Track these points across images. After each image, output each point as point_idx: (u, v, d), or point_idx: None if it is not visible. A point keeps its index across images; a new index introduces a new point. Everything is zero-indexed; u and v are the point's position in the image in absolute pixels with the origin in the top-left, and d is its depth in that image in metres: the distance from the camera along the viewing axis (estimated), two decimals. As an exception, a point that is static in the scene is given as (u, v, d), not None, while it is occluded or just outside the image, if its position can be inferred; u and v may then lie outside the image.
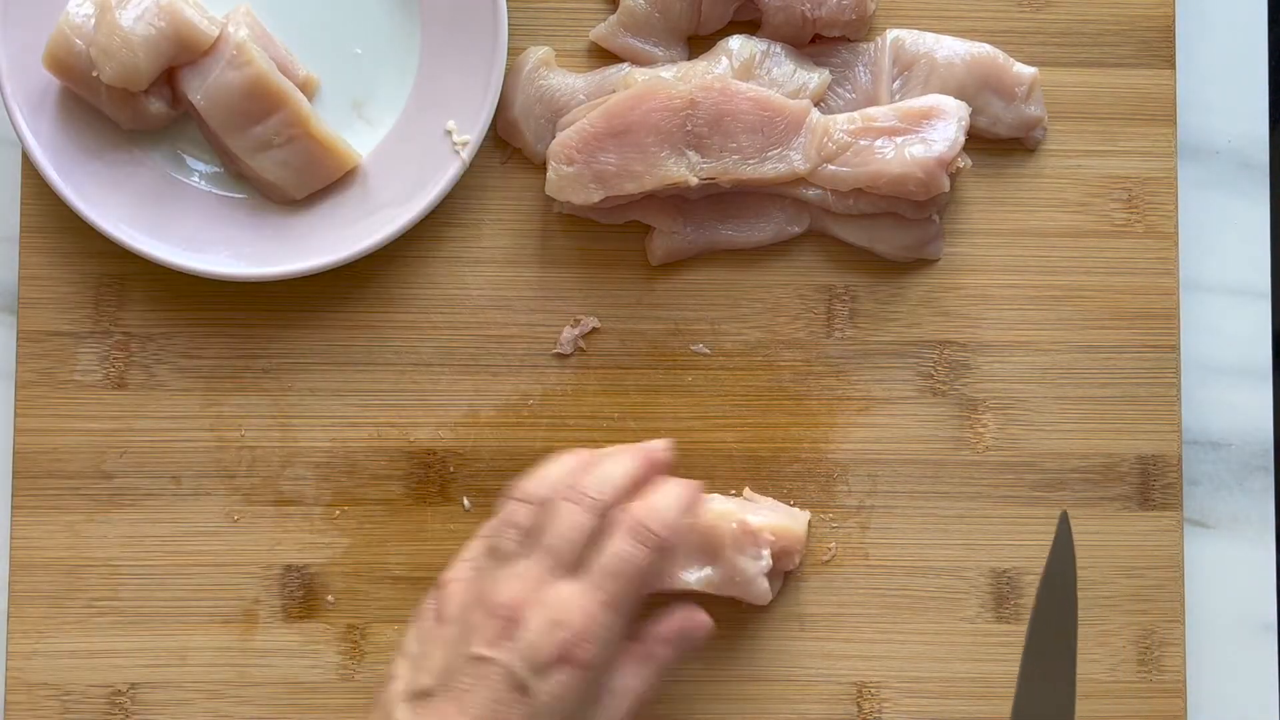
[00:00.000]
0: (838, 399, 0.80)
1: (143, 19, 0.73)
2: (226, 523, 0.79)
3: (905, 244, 0.80)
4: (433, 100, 0.78)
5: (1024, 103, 0.80)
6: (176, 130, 0.79)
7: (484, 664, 0.65)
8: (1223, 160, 0.84)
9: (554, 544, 0.67)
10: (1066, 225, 0.81)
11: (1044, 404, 0.80)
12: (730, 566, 0.74)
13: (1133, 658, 0.79)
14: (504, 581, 0.67)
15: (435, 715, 0.65)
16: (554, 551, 0.67)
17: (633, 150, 0.76)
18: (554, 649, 0.65)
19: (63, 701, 0.78)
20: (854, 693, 0.79)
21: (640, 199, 0.78)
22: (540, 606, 0.66)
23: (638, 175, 0.76)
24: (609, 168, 0.76)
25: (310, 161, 0.77)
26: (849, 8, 0.78)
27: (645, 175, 0.76)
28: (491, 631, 0.65)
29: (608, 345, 0.80)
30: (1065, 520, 0.71)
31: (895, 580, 0.79)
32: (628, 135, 0.76)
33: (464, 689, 0.65)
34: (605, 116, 0.76)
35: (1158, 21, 0.81)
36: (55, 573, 0.78)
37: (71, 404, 0.79)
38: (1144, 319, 0.80)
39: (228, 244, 0.77)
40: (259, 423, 0.79)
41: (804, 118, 0.78)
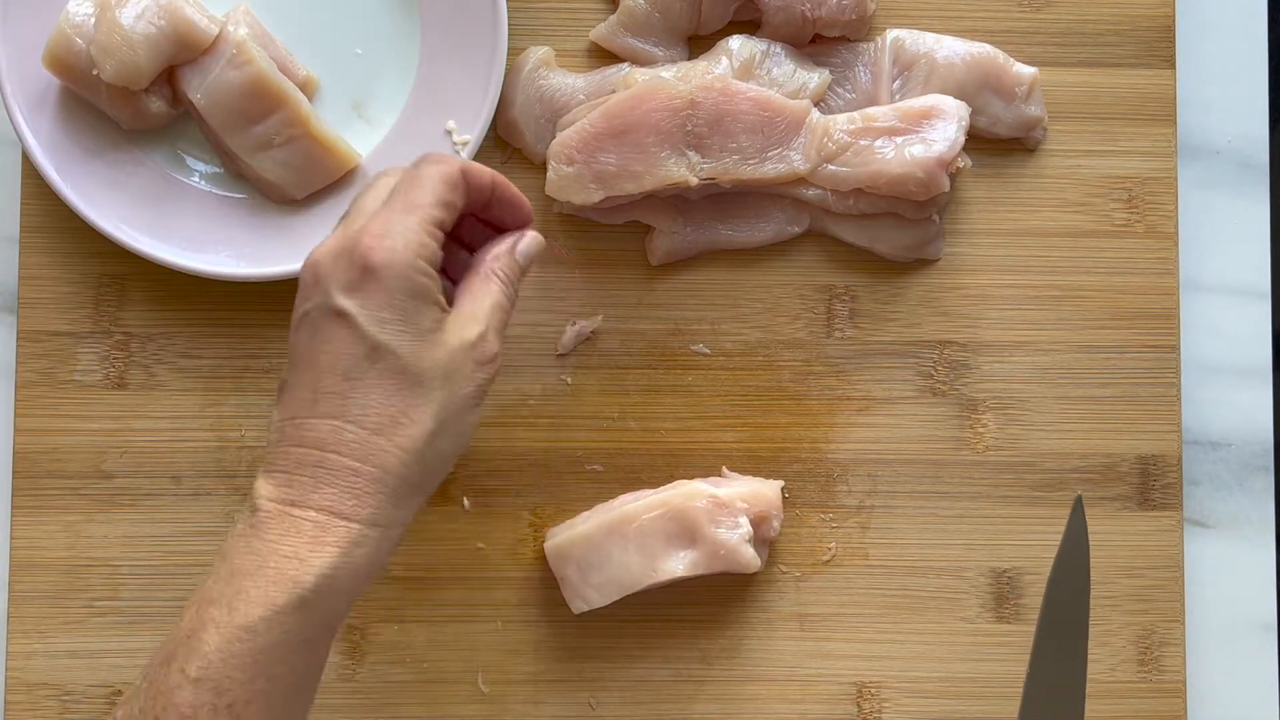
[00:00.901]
0: (838, 399, 0.80)
1: (143, 17, 0.73)
2: (226, 523, 0.79)
3: (905, 244, 0.80)
4: (433, 100, 0.78)
5: (1024, 103, 0.80)
6: (176, 130, 0.79)
7: (305, 318, 0.64)
8: (1223, 160, 0.84)
9: (357, 206, 0.66)
10: (1066, 225, 0.81)
11: (1044, 404, 0.80)
12: (711, 542, 0.74)
13: (1133, 658, 0.79)
14: (313, 251, 0.66)
15: (292, 390, 0.64)
16: (359, 210, 0.66)
17: (633, 150, 0.76)
18: (352, 266, 0.63)
19: (63, 701, 0.78)
20: (854, 693, 0.79)
21: (640, 199, 0.78)
22: (334, 245, 0.65)
23: (638, 175, 0.76)
24: (609, 168, 0.76)
25: (310, 161, 0.77)
26: (849, 8, 0.78)
27: (645, 175, 0.76)
28: (304, 289, 0.65)
29: (608, 345, 0.80)
30: (1079, 506, 0.71)
31: (895, 580, 0.79)
32: (628, 135, 0.76)
33: (300, 352, 0.64)
34: (605, 116, 0.76)
35: (1158, 21, 0.81)
36: (55, 573, 0.78)
37: (71, 404, 0.79)
38: (1144, 319, 0.80)
39: (228, 244, 0.78)
40: (259, 423, 0.79)
41: (804, 118, 0.78)
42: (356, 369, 0.63)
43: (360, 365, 0.63)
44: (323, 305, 0.63)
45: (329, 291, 0.63)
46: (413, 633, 0.79)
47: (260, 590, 0.60)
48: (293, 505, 0.62)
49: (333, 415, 0.63)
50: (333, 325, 0.63)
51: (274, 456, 0.64)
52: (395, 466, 0.63)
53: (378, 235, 0.63)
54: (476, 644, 0.79)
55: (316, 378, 0.63)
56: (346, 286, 0.63)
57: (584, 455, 0.79)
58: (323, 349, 0.63)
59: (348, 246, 0.64)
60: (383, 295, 0.63)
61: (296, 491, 0.62)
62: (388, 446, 0.63)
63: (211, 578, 0.62)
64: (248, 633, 0.59)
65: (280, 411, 0.65)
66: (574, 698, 0.79)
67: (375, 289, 0.63)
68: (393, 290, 0.63)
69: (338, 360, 0.63)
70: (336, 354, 0.63)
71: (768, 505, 0.76)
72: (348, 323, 0.63)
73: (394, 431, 0.63)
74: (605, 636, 0.79)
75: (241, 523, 0.63)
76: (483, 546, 0.79)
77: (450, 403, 0.64)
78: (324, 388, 0.63)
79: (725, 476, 0.79)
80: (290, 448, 0.63)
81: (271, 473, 0.63)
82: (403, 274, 0.63)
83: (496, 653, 0.79)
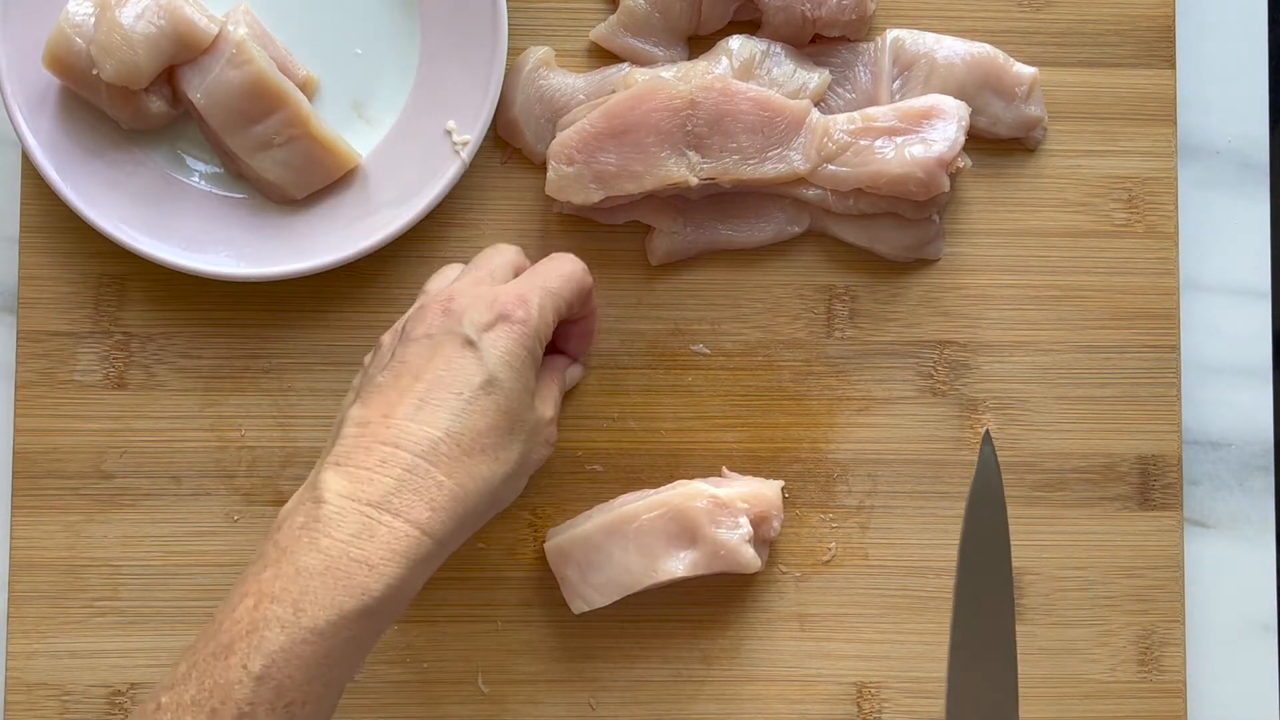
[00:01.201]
0: (838, 399, 0.80)
1: (143, 17, 0.74)
2: (226, 523, 0.79)
3: (905, 244, 0.80)
4: (433, 100, 0.78)
5: (1024, 103, 0.80)
6: (176, 130, 0.79)
7: (427, 339, 0.67)
8: (1223, 160, 0.84)
9: (484, 263, 0.71)
10: (1066, 225, 0.81)
11: (1044, 404, 0.80)
12: (711, 542, 0.74)
13: (1133, 658, 0.79)
14: (436, 291, 0.70)
15: (386, 391, 0.65)
16: (485, 267, 0.71)
17: (633, 150, 0.76)
18: (491, 310, 0.67)
19: (63, 701, 0.78)
20: (854, 693, 0.79)
21: (640, 199, 0.78)
22: (475, 291, 0.69)
23: (638, 175, 0.76)
24: (609, 168, 0.76)
25: (310, 161, 0.77)
26: (849, 8, 0.79)
27: (645, 175, 0.76)
28: (432, 316, 0.67)
29: (608, 345, 0.80)
30: (988, 438, 0.74)
31: (895, 580, 0.79)
32: (628, 135, 0.76)
33: (411, 359, 0.66)
34: (605, 116, 0.76)
35: (1158, 21, 0.81)
36: (55, 573, 0.78)
37: (71, 404, 0.79)
38: (1144, 319, 0.80)
39: (228, 244, 0.78)
40: (259, 423, 0.79)
41: (804, 118, 0.78)
42: (471, 393, 0.65)
43: (475, 391, 0.65)
44: (452, 332, 0.66)
45: (462, 322, 0.67)
46: (413, 633, 0.79)
47: (328, 594, 0.60)
48: (370, 505, 0.62)
49: (435, 425, 0.64)
50: (458, 349, 0.66)
51: (350, 451, 0.64)
52: (474, 491, 0.65)
53: (520, 296, 0.68)
54: (476, 644, 0.79)
55: (428, 388, 0.65)
56: (481, 325, 0.67)
57: (584, 455, 0.79)
58: (442, 366, 0.66)
59: (487, 296, 0.68)
60: (511, 342, 0.67)
61: (375, 491, 0.62)
62: (474, 470, 0.65)
63: (270, 569, 0.61)
64: (314, 635, 0.60)
65: (366, 409, 0.65)
66: (574, 698, 0.79)
67: (506, 335, 0.67)
68: (520, 343, 0.67)
69: (455, 379, 0.65)
70: (455, 374, 0.65)
71: (768, 505, 0.76)
72: (475, 352, 0.66)
73: (483, 458, 0.65)
74: (605, 636, 0.79)
75: (302, 514, 0.62)
76: (483, 546, 0.79)
77: (525, 457, 0.68)
78: (433, 399, 0.65)
79: (725, 476, 0.79)
80: (377, 445, 0.63)
81: (346, 467, 0.63)
82: (529, 338, 0.67)
83: (496, 653, 0.79)
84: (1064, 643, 0.79)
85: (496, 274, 0.71)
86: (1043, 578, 0.79)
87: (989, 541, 0.74)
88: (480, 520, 0.66)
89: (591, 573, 0.76)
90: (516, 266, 0.72)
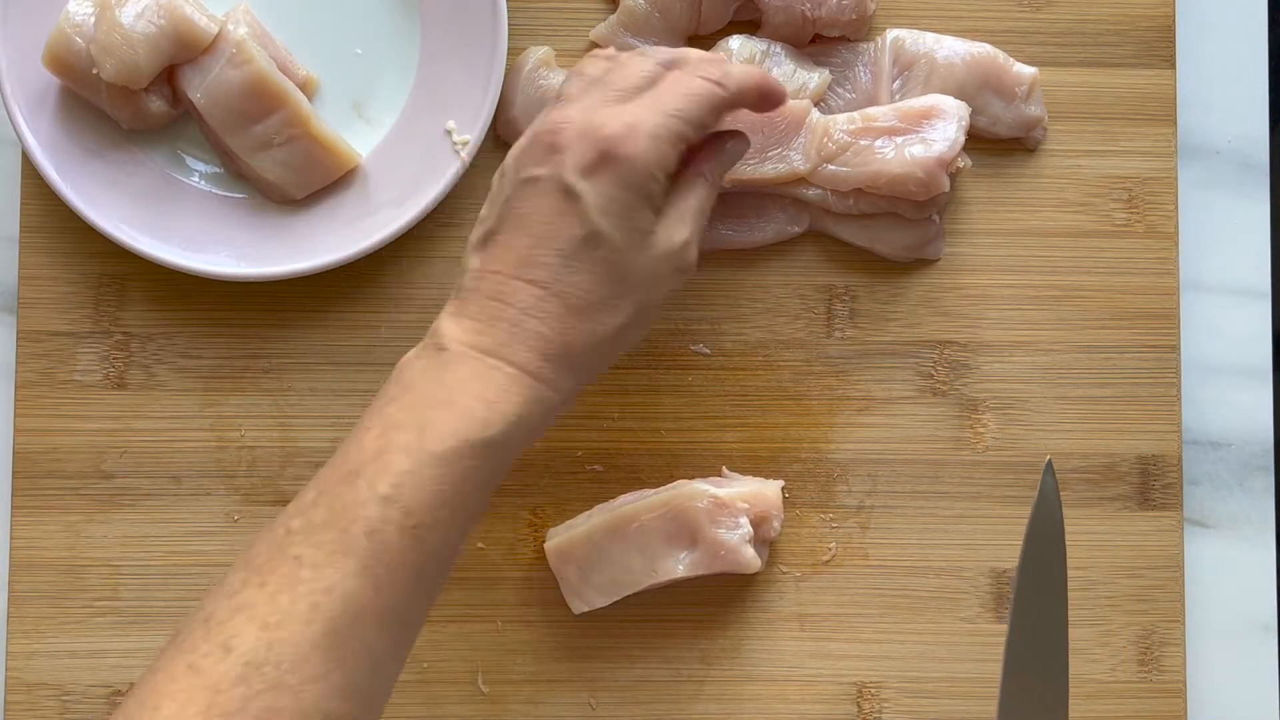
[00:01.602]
0: (838, 399, 0.80)
1: (143, 16, 0.74)
2: (226, 523, 0.79)
3: (905, 244, 0.80)
4: (433, 100, 0.78)
5: (1024, 103, 0.80)
6: (176, 130, 0.79)
7: (534, 182, 0.65)
8: (1223, 160, 0.84)
9: (614, 79, 0.67)
10: (1066, 225, 0.81)
11: (1044, 404, 0.80)
12: (712, 542, 0.74)
13: (1133, 658, 0.79)
14: (556, 113, 0.66)
15: (499, 246, 0.65)
16: (613, 85, 0.67)
17: (633, 150, 0.76)
18: (595, 150, 0.64)
19: (63, 701, 0.78)
20: (854, 693, 0.79)
21: (640, 199, 0.78)
22: (583, 120, 0.65)
23: (638, 175, 0.76)
24: (609, 168, 0.76)
25: (310, 161, 0.77)
26: (849, 8, 0.79)
27: (645, 175, 0.76)
28: (539, 152, 0.65)
29: (608, 345, 0.80)
30: (1050, 469, 0.71)
31: (895, 580, 0.79)
32: (628, 135, 0.75)
33: (521, 211, 0.65)
34: (605, 116, 0.76)
35: (1158, 21, 0.81)
36: (55, 573, 0.78)
37: (71, 404, 0.79)
38: (1144, 319, 0.80)
39: (228, 244, 0.78)
40: (259, 423, 0.79)
41: (804, 118, 0.78)
42: (573, 249, 0.64)
43: (577, 247, 0.64)
44: (555, 177, 0.64)
45: (564, 165, 0.64)
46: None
47: (451, 423, 0.61)
48: (485, 353, 0.63)
49: (540, 284, 0.64)
50: (560, 200, 0.64)
51: (467, 302, 0.65)
52: (580, 346, 0.65)
53: (630, 127, 0.64)
54: (476, 644, 0.79)
55: (533, 244, 0.64)
56: (583, 167, 0.64)
57: (584, 455, 0.79)
58: (544, 219, 0.64)
59: (594, 125, 0.64)
60: (615, 187, 0.64)
61: (489, 341, 0.64)
62: (580, 327, 0.64)
63: (394, 404, 0.62)
64: (439, 460, 0.61)
65: (482, 260, 0.65)
66: (574, 698, 0.79)
67: (610, 179, 0.64)
68: (626, 185, 0.64)
69: (558, 236, 0.64)
70: (558, 229, 0.64)
71: (768, 505, 0.76)
72: (576, 204, 0.64)
73: (589, 316, 0.65)
74: (605, 636, 0.79)
75: (424, 359, 0.64)
76: (483, 546, 0.79)
77: (645, 303, 0.66)
78: (536, 257, 0.64)
79: (725, 476, 0.79)
80: (488, 300, 0.64)
81: (462, 318, 0.64)
82: (640, 175, 0.64)
83: (496, 653, 0.79)
84: (1064, 643, 0.79)
85: (628, 88, 0.66)
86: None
87: (1045, 579, 0.71)
88: (602, 365, 0.67)
89: (591, 573, 0.76)
90: (661, 73, 0.67)
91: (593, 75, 0.68)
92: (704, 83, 0.67)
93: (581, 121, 0.65)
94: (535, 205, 0.65)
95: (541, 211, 0.64)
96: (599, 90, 0.67)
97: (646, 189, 0.65)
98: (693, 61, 0.68)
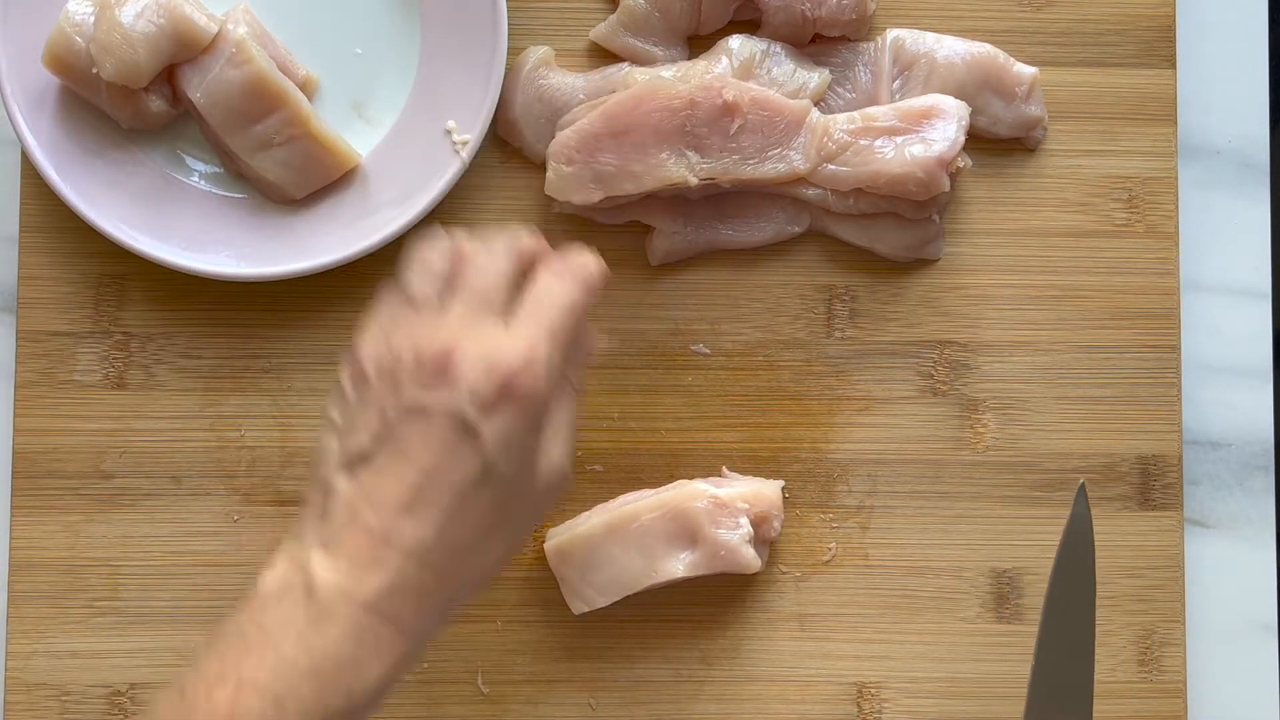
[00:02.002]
0: (838, 399, 0.80)
1: (143, 16, 0.74)
2: (226, 523, 0.79)
3: (905, 244, 0.80)
4: (433, 100, 0.78)
5: (1024, 103, 0.80)
6: (176, 130, 0.79)
7: (423, 413, 0.59)
8: (1223, 160, 0.84)
9: (477, 284, 0.62)
10: (1066, 225, 0.81)
11: (1044, 404, 0.80)
12: (712, 543, 0.74)
13: (1133, 658, 0.79)
14: (428, 327, 0.61)
15: (378, 475, 0.59)
16: (479, 292, 0.62)
17: (632, 150, 0.76)
18: (495, 385, 0.59)
19: (63, 701, 0.78)
20: (854, 693, 0.79)
21: (640, 199, 0.78)
22: (475, 345, 0.60)
23: (637, 175, 0.76)
24: (609, 168, 0.76)
25: (310, 161, 0.77)
26: (849, 8, 0.78)
27: (645, 175, 0.76)
28: (427, 377, 0.60)
29: (608, 345, 0.80)
30: (1082, 493, 0.70)
31: (895, 580, 0.79)
32: (627, 135, 0.76)
33: (406, 441, 0.59)
34: (605, 116, 0.76)
35: (1158, 21, 0.81)
36: (55, 573, 0.78)
37: (71, 404, 0.79)
38: (1144, 319, 0.80)
39: (228, 244, 0.77)
40: (259, 423, 0.79)
41: (804, 118, 0.78)
42: (466, 488, 0.60)
43: (470, 485, 0.60)
44: (450, 412, 0.59)
45: (461, 398, 0.59)
46: (413, 633, 0.78)
47: (315, 695, 0.57)
48: (363, 607, 0.58)
49: (428, 523, 0.59)
50: (455, 436, 0.59)
51: (342, 538, 0.59)
52: (462, 587, 0.61)
53: (528, 361, 0.60)
54: (476, 644, 0.79)
55: (420, 480, 0.59)
56: (482, 403, 0.59)
57: (584, 455, 0.79)
58: (434, 454, 0.60)
59: (491, 357, 0.60)
60: (514, 422, 0.60)
61: (368, 590, 0.58)
62: (465, 567, 0.61)
63: (254, 656, 0.58)
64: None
65: (355, 489, 0.60)
66: (574, 698, 0.79)
67: (510, 414, 0.60)
68: (524, 419, 0.60)
69: (450, 473, 0.60)
70: (450, 467, 0.60)
71: (768, 505, 0.76)
72: (474, 441, 0.59)
73: (475, 553, 0.61)
74: (605, 636, 0.79)
75: (290, 598, 0.59)
76: (483, 546, 0.79)
77: (526, 527, 0.64)
78: (425, 495, 0.59)
79: (725, 476, 0.79)
80: (367, 540, 0.59)
81: (337, 556, 0.59)
82: (538, 407, 0.61)
83: (496, 653, 0.79)
84: (1064, 643, 0.79)
85: (494, 296, 0.62)
86: (1042, 578, 0.79)
87: (1073, 604, 0.70)
88: (472, 599, 0.63)
89: (591, 573, 0.76)
90: (517, 271, 0.64)
91: (440, 271, 0.63)
92: (572, 292, 0.63)
93: (474, 350, 0.60)
94: (423, 437, 0.59)
95: (430, 445, 0.59)
96: (464, 297, 0.62)
97: (539, 420, 0.62)
98: (545, 257, 0.65)
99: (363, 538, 0.59)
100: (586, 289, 0.64)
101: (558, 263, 0.64)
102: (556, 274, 0.64)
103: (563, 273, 0.64)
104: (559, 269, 0.64)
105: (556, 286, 0.63)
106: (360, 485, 0.60)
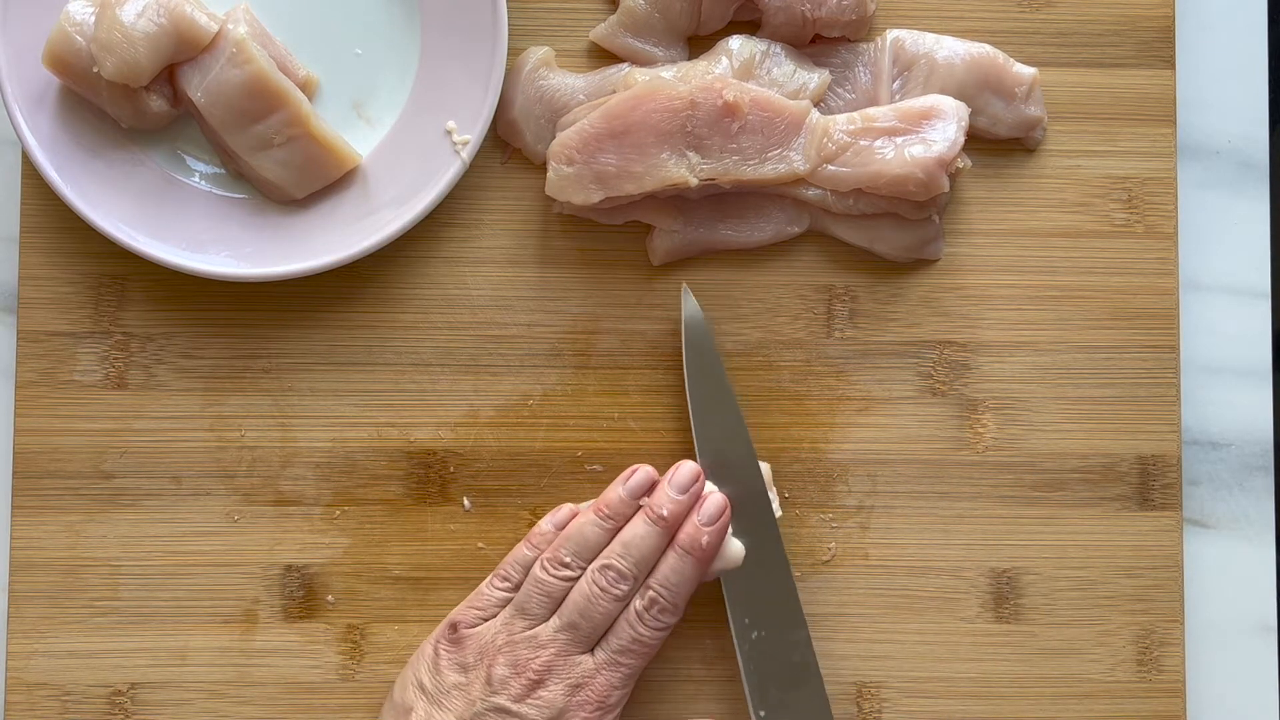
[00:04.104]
0: (837, 399, 0.80)
1: (144, 15, 0.74)
2: (226, 523, 0.79)
3: (905, 244, 0.80)
4: (433, 100, 0.78)
5: (1024, 103, 0.80)
6: (177, 130, 0.79)
7: (508, 714, 0.71)
8: (1223, 160, 0.84)
9: (581, 625, 0.73)
10: (1066, 225, 0.81)
11: (1044, 404, 0.80)
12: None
13: (1132, 658, 0.79)
14: (530, 647, 0.72)
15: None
16: (580, 631, 0.73)
17: (633, 151, 0.76)
18: (519, 678, 0.71)
19: (63, 701, 0.78)
20: (854, 693, 0.79)
21: (640, 199, 0.78)
22: (565, 672, 0.72)
23: (638, 176, 0.76)
24: (609, 168, 0.76)
25: (310, 161, 0.77)
26: (849, 8, 0.79)
27: (645, 176, 0.76)
28: (518, 688, 0.71)
29: (608, 345, 0.80)
30: (688, 293, 0.77)
31: (895, 580, 0.79)
32: (628, 136, 0.76)
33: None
34: (605, 117, 0.76)
35: (1158, 21, 0.81)
36: (55, 573, 0.78)
37: (71, 404, 0.79)
38: (1144, 319, 0.80)
39: (228, 244, 0.78)
40: (259, 423, 0.79)
41: (804, 118, 0.78)
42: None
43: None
44: (494, 706, 0.72)
45: (539, 716, 0.72)
46: (413, 633, 0.79)
47: None
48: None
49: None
50: (495, 716, 0.72)
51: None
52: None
53: (602, 700, 0.72)
54: (476, 644, 0.79)
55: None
56: (517, 695, 0.72)
57: (584, 455, 0.79)
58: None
59: (521, 665, 0.72)
60: (546, 698, 0.72)
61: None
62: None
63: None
64: None
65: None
66: (574, 698, 0.79)
67: (542, 692, 0.72)
68: (556, 694, 0.72)
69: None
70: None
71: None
72: (511, 716, 0.72)
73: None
74: (605, 636, 0.79)
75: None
76: (483, 546, 0.79)
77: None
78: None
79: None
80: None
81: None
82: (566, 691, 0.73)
83: (496, 653, 0.79)
84: (1063, 643, 0.79)
85: (593, 628, 0.73)
86: (1042, 578, 0.79)
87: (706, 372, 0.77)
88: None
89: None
90: (650, 558, 0.74)
91: (551, 594, 0.74)
92: (648, 634, 0.74)
93: (562, 669, 0.72)
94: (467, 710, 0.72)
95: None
96: (566, 628, 0.73)
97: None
98: (651, 586, 0.74)
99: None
100: (668, 629, 0.74)
101: (651, 599, 0.74)
102: (645, 620, 0.74)
103: (652, 620, 0.74)
104: (649, 613, 0.74)
105: (644, 634, 0.74)
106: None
